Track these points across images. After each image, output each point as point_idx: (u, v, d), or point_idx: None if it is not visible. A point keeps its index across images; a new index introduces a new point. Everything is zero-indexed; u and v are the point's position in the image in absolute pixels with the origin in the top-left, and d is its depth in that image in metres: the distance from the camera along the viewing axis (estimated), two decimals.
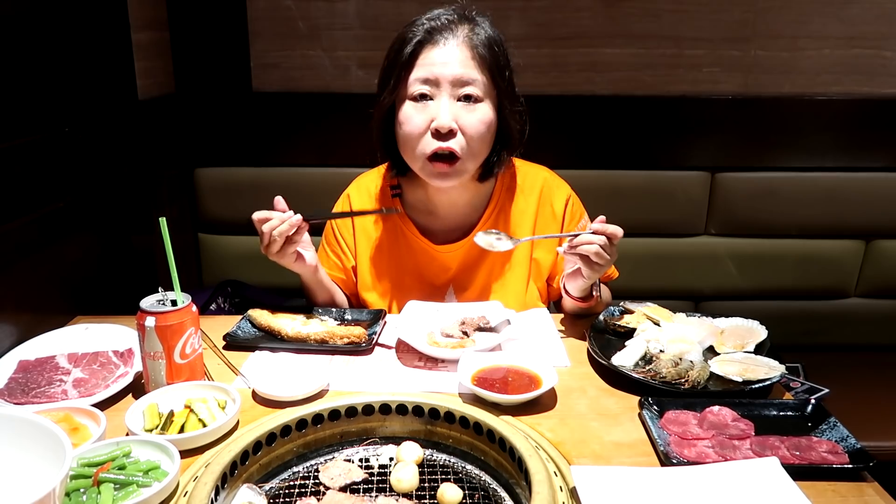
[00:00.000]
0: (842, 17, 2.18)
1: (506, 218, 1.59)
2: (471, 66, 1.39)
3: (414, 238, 1.59)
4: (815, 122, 2.26)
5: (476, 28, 1.42)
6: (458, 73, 1.38)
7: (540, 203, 1.60)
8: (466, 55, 1.39)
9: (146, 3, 2.02)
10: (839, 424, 1.08)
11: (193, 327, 1.17)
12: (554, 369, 1.22)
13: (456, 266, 1.59)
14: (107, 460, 0.95)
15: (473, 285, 1.60)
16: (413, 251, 1.60)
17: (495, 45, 1.42)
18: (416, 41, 1.39)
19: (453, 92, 1.39)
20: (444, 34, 1.40)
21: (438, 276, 1.60)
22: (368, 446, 1.09)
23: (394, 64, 1.43)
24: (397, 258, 1.61)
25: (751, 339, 1.37)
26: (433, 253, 1.58)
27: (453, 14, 1.42)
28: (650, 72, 2.23)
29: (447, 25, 1.40)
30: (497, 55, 1.42)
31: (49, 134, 1.62)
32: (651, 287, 2.33)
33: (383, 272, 1.62)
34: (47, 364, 1.29)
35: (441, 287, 1.61)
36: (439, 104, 1.39)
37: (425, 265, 1.60)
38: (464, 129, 1.40)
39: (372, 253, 1.62)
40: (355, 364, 1.34)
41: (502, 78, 1.43)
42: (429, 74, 1.39)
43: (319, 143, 2.28)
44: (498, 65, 1.42)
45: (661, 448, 1.03)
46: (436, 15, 1.42)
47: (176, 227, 2.22)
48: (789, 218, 2.31)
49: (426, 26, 1.40)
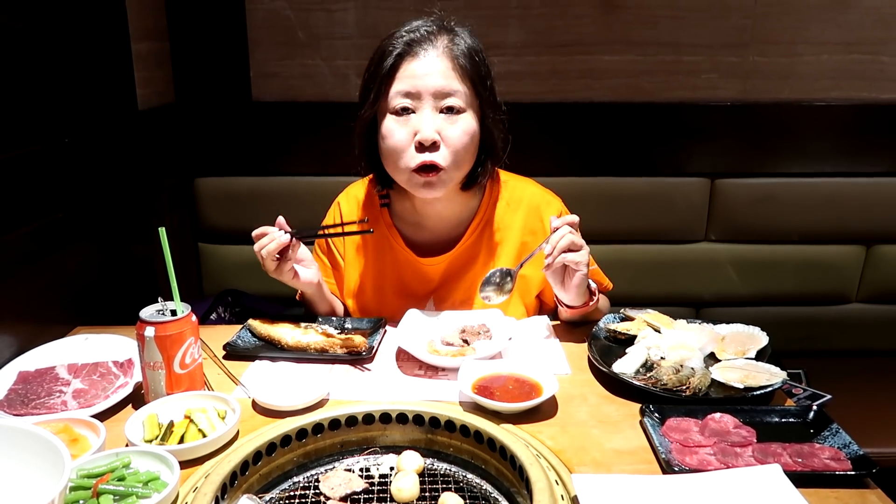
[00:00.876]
0: (840, 22, 2.18)
1: (491, 231, 1.58)
2: (452, 77, 1.38)
3: (399, 249, 1.59)
4: (814, 128, 2.26)
5: (456, 38, 1.41)
6: (440, 85, 1.37)
7: (527, 217, 1.59)
8: (447, 66, 1.38)
9: (146, 14, 2.02)
10: (842, 431, 1.08)
11: (193, 337, 1.17)
12: (554, 377, 1.21)
13: (438, 278, 1.59)
14: (106, 471, 0.95)
15: (454, 298, 1.59)
16: (397, 261, 1.60)
17: (475, 55, 1.42)
18: (396, 54, 1.38)
19: (435, 104, 1.38)
20: (423, 46, 1.39)
21: (420, 288, 1.60)
22: (369, 455, 1.09)
23: (374, 77, 1.42)
24: (381, 266, 1.61)
25: (752, 346, 1.37)
26: (416, 265, 1.58)
27: (432, 25, 1.42)
28: (649, 78, 2.24)
29: (427, 37, 1.39)
30: (478, 65, 1.42)
31: (49, 144, 1.62)
32: (651, 294, 2.33)
33: (367, 279, 1.62)
34: (47, 375, 1.28)
35: (422, 298, 1.60)
36: (422, 117, 1.38)
37: (408, 276, 1.60)
38: (447, 141, 1.39)
39: (358, 259, 1.63)
40: (355, 373, 1.34)
41: (484, 87, 1.42)
42: (410, 87, 1.38)
43: (319, 152, 2.29)
44: (479, 75, 1.41)
45: (663, 456, 1.02)
46: (415, 27, 1.41)
47: (176, 236, 2.22)
48: (790, 223, 2.31)
49: (406, 38, 1.39)
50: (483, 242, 1.57)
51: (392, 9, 2.17)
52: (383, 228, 1.60)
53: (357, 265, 1.63)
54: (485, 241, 1.57)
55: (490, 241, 1.57)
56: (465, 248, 1.57)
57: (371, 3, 2.18)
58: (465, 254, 1.57)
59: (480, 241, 1.57)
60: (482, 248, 1.57)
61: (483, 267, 1.56)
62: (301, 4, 2.19)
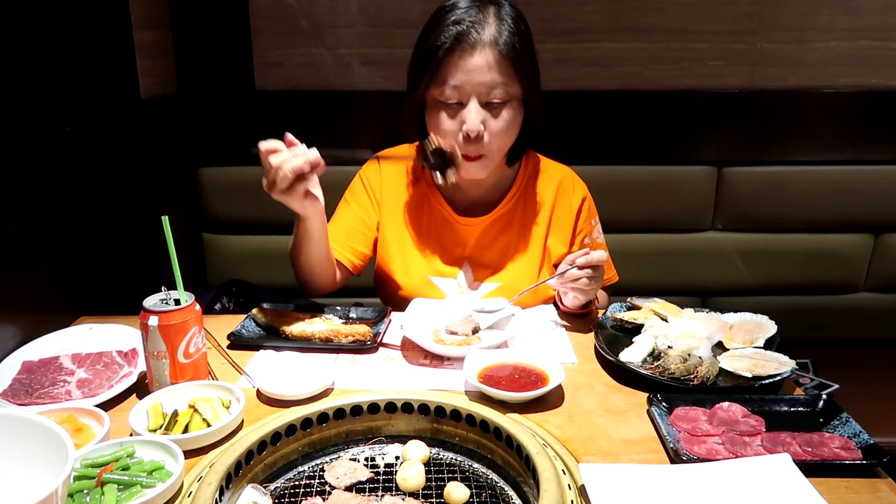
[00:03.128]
0: (848, 8, 2.15)
1: (524, 203, 1.63)
2: (497, 70, 1.40)
3: (437, 206, 1.62)
4: (822, 115, 2.23)
5: (502, 24, 1.41)
6: (486, 81, 1.40)
7: (558, 195, 1.64)
8: (494, 60, 1.40)
9: (148, 3, 2.01)
10: (851, 420, 1.07)
11: (197, 326, 1.17)
12: (561, 366, 1.20)
13: (473, 241, 1.62)
14: (110, 461, 0.95)
15: (488, 262, 1.62)
16: (435, 219, 1.63)
17: (520, 35, 1.43)
18: (445, 49, 1.40)
19: (481, 98, 1.42)
20: (471, 38, 1.39)
21: (455, 249, 1.63)
22: (374, 445, 1.09)
23: (423, 67, 1.44)
24: (418, 224, 1.63)
25: (760, 335, 1.36)
26: (453, 223, 1.61)
27: (475, 13, 1.40)
28: (655, 66, 2.21)
29: (474, 27, 1.39)
30: (522, 51, 1.43)
31: (51, 134, 1.61)
32: (658, 283, 2.32)
33: (403, 236, 1.63)
34: (51, 365, 1.28)
35: (457, 260, 1.63)
36: (469, 110, 1.42)
37: (445, 234, 1.62)
38: (492, 131, 1.44)
39: (395, 218, 1.64)
40: (360, 362, 1.33)
41: (527, 72, 1.44)
42: (458, 83, 1.41)
43: (323, 141, 2.25)
44: (524, 62, 1.44)
45: (671, 445, 1.02)
46: (460, 17, 1.40)
47: (180, 226, 2.22)
48: (797, 212, 2.29)
49: (453, 32, 1.39)
50: (517, 212, 1.63)
51: None
52: (423, 187, 1.64)
53: (394, 224, 1.64)
54: (519, 210, 1.63)
55: (524, 212, 1.63)
56: (501, 213, 1.62)
57: None
58: (502, 220, 1.62)
59: (515, 210, 1.63)
60: (516, 216, 1.63)
61: (517, 236, 1.62)
62: None
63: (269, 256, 2.29)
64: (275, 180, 1.29)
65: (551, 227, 1.63)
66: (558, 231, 1.63)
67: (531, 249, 1.62)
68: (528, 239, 1.62)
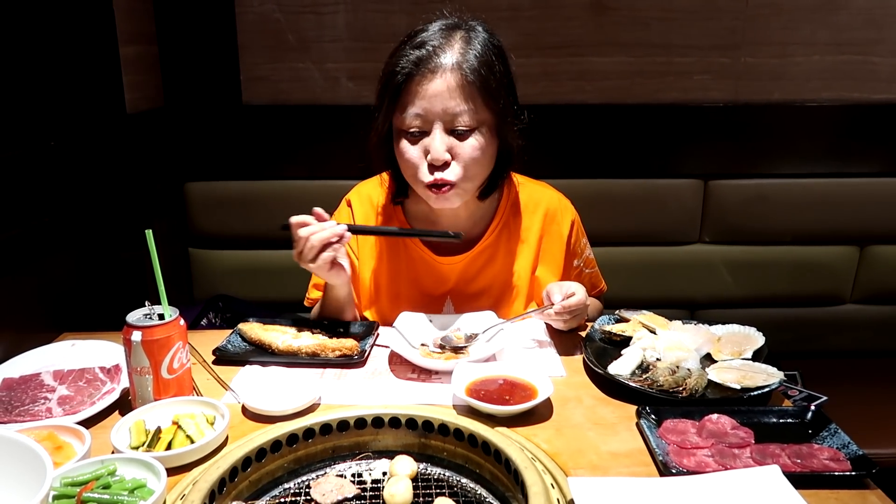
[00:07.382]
0: (830, 23, 2.19)
1: (508, 235, 1.58)
2: (462, 96, 1.34)
3: (414, 248, 1.57)
4: (805, 129, 2.26)
5: (469, 48, 1.36)
6: (449, 107, 1.34)
7: (545, 224, 1.60)
8: (457, 84, 1.34)
9: (134, 17, 2.01)
10: (840, 431, 1.07)
11: (181, 341, 1.15)
12: (549, 379, 1.20)
13: (455, 278, 1.57)
14: (91, 479, 0.93)
15: (472, 298, 1.58)
16: (412, 260, 1.58)
17: (487, 64, 1.36)
18: (405, 73, 1.35)
19: (446, 124, 1.36)
20: (432, 62, 1.34)
21: (436, 287, 1.58)
22: (361, 461, 1.07)
23: (384, 94, 1.40)
24: (395, 266, 1.59)
25: (748, 346, 1.36)
26: (433, 263, 1.56)
27: (440, 38, 1.36)
28: (640, 80, 2.23)
29: (436, 51, 1.35)
30: (489, 76, 1.36)
31: (35, 148, 1.60)
32: (646, 296, 2.32)
33: (381, 278, 1.60)
34: (32, 381, 1.26)
35: (438, 298, 1.59)
36: (433, 138, 1.37)
37: (424, 275, 1.58)
38: (458, 158, 1.38)
39: (372, 258, 1.60)
40: (347, 377, 1.32)
41: (496, 98, 1.38)
42: (420, 110, 1.35)
43: (310, 156, 2.27)
44: (491, 87, 1.37)
45: (660, 457, 1.01)
46: (426, 38, 1.36)
47: (166, 241, 2.20)
48: (783, 224, 2.31)
49: (414, 56, 1.35)
50: (501, 244, 1.57)
51: (382, 11, 2.17)
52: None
53: (371, 265, 1.60)
54: (503, 243, 1.57)
55: (508, 244, 1.58)
56: (483, 247, 1.56)
57: (361, 6, 2.17)
58: (484, 254, 1.56)
59: (498, 243, 1.57)
60: (500, 249, 1.57)
61: (501, 269, 1.57)
62: (291, 7, 2.18)
63: (256, 271, 2.28)
64: (302, 250, 1.35)
65: (540, 257, 1.59)
66: (548, 261, 1.59)
67: (518, 282, 1.57)
68: (514, 271, 1.57)
